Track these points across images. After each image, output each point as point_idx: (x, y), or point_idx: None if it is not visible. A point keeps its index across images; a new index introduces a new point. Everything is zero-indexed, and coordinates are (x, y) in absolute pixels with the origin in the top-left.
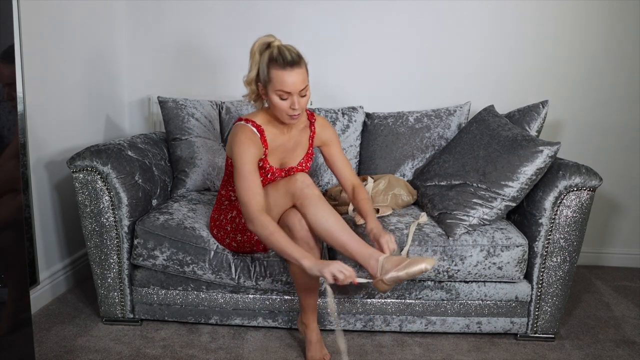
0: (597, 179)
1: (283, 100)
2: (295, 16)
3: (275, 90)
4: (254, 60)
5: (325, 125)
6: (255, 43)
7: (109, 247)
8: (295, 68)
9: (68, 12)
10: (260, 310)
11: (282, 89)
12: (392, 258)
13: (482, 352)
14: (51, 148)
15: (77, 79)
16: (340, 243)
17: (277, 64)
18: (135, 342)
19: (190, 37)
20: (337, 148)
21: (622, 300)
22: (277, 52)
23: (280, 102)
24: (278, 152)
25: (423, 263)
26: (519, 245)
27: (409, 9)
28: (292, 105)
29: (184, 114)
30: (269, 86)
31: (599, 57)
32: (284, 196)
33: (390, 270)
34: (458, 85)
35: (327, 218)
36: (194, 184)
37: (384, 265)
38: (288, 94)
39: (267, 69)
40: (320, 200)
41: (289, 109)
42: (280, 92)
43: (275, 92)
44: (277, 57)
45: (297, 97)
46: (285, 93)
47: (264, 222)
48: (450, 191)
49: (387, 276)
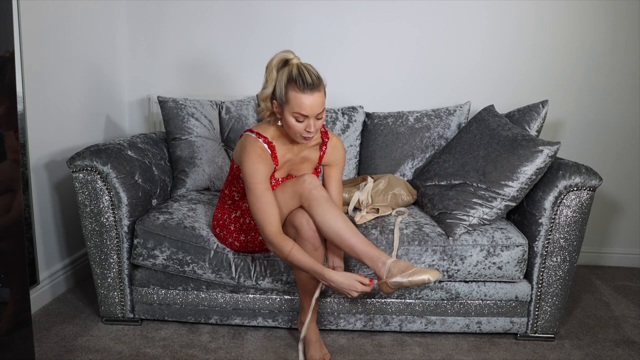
0: (597, 178)
1: (299, 122)
2: (295, 16)
3: (292, 112)
4: (270, 76)
5: (337, 147)
6: (273, 59)
7: (109, 247)
8: (315, 92)
9: (68, 12)
10: (260, 310)
11: (299, 112)
12: (400, 263)
13: (482, 352)
14: (51, 148)
15: (77, 79)
16: (349, 244)
17: (297, 86)
18: (135, 342)
19: (190, 37)
20: (339, 172)
21: (622, 300)
22: (296, 73)
23: (296, 124)
24: (286, 167)
25: (427, 274)
26: (518, 245)
27: (409, 9)
28: (308, 127)
29: (184, 114)
30: (285, 107)
31: (598, 57)
32: (292, 197)
33: (396, 275)
34: (458, 85)
35: (335, 220)
36: (194, 183)
37: (391, 269)
38: (305, 117)
39: (285, 90)
40: (329, 202)
41: (304, 131)
42: (297, 114)
43: (292, 114)
44: (297, 78)
45: (313, 120)
46: (302, 116)
47: (282, 244)
48: (450, 191)
49: (391, 280)
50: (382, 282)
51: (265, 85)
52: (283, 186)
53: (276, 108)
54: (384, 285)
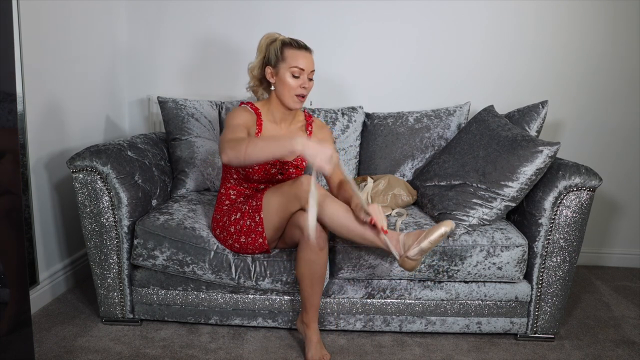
0: (597, 179)
1: (295, 77)
2: (295, 16)
3: (289, 67)
4: (259, 50)
5: (322, 126)
6: (262, 38)
7: (109, 247)
8: (308, 52)
9: (68, 12)
10: (260, 311)
11: (296, 65)
12: (411, 233)
13: (482, 352)
14: (51, 148)
15: (77, 79)
16: (358, 234)
17: (292, 46)
18: (135, 342)
19: (190, 37)
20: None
21: (622, 300)
22: (289, 39)
23: (292, 80)
24: None
25: (442, 227)
26: (518, 245)
27: (409, 9)
28: (303, 84)
29: (184, 114)
30: (281, 65)
31: (598, 57)
32: (291, 200)
33: (412, 244)
34: (458, 85)
35: (339, 213)
36: (194, 184)
37: (405, 242)
38: (301, 71)
39: (281, 50)
40: (329, 198)
41: (299, 87)
42: (294, 68)
43: (289, 69)
44: (292, 41)
45: (307, 79)
46: (299, 70)
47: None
48: (450, 191)
49: (410, 252)
50: (402, 259)
51: (255, 59)
52: (280, 189)
53: (270, 73)
54: (405, 261)
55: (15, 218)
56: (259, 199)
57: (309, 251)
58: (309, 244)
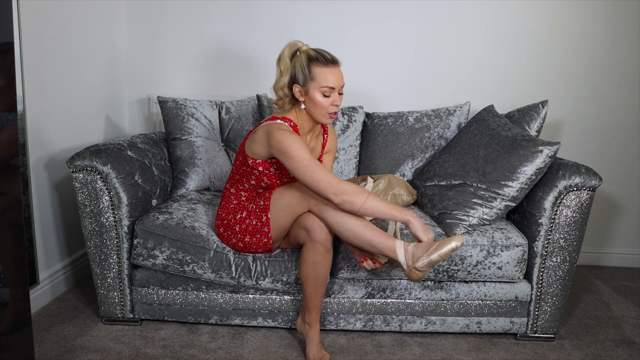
0: (597, 179)
1: (326, 97)
2: (295, 16)
3: (320, 87)
4: (284, 66)
5: (333, 132)
6: (284, 50)
7: (109, 247)
8: (337, 66)
9: (68, 12)
10: (260, 310)
11: (326, 85)
12: (421, 244)
13: (482, 352)
14: (51, 148)
15: (77, 79)
16: (366, 240)
17: (319, 62)
18: (135, 342)
19: (190, 37)
20: (333, 157)
21: (622, 300)
22: (314, 53)
23: (323, 100)
24: None
25: (453, 242)
26: (518, 245)
27: (409, 9)
28: (334, 102)
29: (184, 114)
30: (311, 85)
31: (598, 57)
32: (301, 201)
33: (422, 256)
34: (457, 85)
35: (347, 219)
36: (194, 183)
37: (415, 252)
38: (331, 90)
39: (309, 68)
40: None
41: (331, 106)
42: (324, 88)
43: (320, 89)
44: (318, 56)
45: (337, 95)
46: (329, 89)
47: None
48: (450, 191)
49: (419, 263)
50: (410, 269)
51: (280, 75)
52: (291, 189)
53: (299, 91)
54: (412, 271)
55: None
56: (267, 198)
57: (315, 253)
58: (315, 245)
